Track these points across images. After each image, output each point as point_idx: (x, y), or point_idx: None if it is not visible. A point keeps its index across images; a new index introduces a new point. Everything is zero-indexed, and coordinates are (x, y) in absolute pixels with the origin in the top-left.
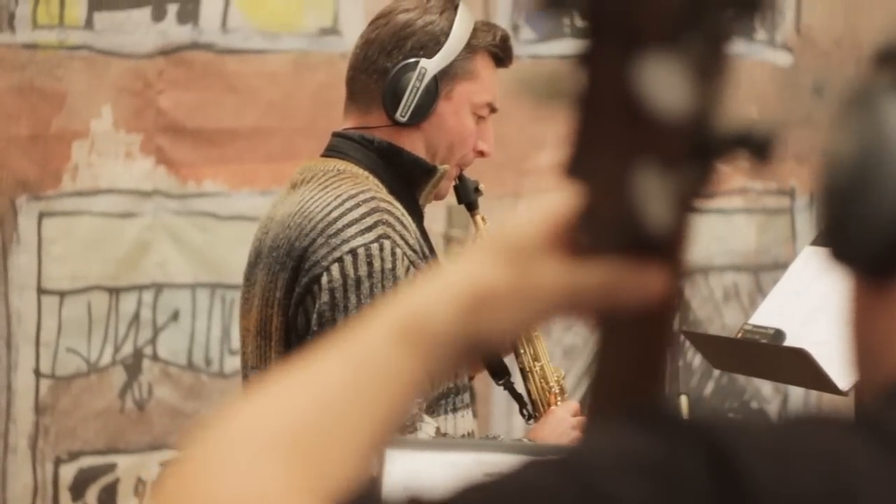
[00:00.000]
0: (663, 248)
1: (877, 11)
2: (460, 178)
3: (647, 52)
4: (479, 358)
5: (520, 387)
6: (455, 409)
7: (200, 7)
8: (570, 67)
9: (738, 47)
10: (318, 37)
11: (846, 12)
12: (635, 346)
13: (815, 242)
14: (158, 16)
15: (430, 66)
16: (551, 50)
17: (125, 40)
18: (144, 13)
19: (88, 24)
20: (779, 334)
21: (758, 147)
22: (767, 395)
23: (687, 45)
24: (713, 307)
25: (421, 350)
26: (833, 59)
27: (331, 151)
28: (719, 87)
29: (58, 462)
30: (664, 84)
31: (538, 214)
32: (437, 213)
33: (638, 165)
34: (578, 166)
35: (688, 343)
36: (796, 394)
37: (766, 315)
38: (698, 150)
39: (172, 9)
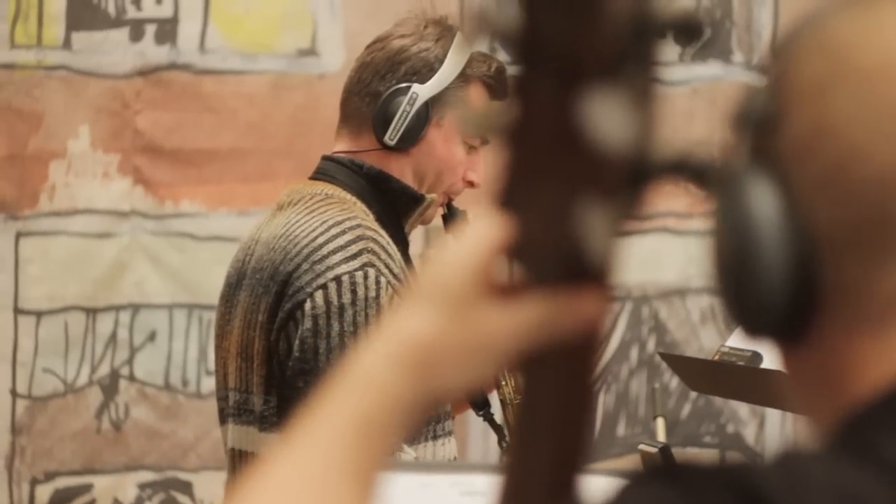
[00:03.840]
0: (596, 275)
1: None
2: (449, 206)
3: (588, 86)
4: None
5: (500, 418)
6: (435, 437)
7: (178, 28)
8: (506, 100)
9: (715, 70)
10: (295, 58)
11: None
12: (565, 377)
13: None
14: (136, 36)
15: (423, 91)
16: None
17: (103, 60)
18: (122, 33)
19: (66, 44)
20: (756, 356)
21: (695, 172)
22: (744, 417)
23: (626, 76)
24: (690, 329)
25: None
26: None
27: (319, 174)
28: (655, 113)
29: (34, 483)
30: (608, 118)
31: (464, 254)
32: (415, 234)
33: (580, 198)
34: (514, 198)
35: (664, 365)
36: (773, 416)
37: (743, 337)
38: (636, 179)
39: (150, 29)
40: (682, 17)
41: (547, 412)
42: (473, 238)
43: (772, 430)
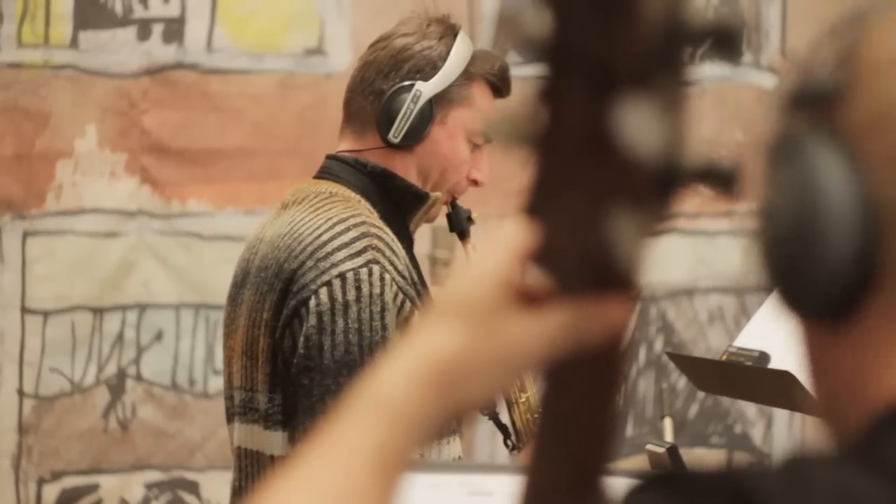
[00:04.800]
0: (623, 282)
1: None
2: (453, 205)
3: (621, 93)
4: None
5: (505, 417)
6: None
7: (185, 27)
8: (533, 106)
9: (724, 70)
10: (302, 57)
11: None
12: (589, 383)
13: None
14: (143, 35)
15: (426, 89)
16: (537, 72)
17: (110, 60)
18: (129, 33)
19: (73, 43)
20: (763, 357)
21: (722, 179)
22: (752, 417)
23: (659, 83)
24: (698, 329)
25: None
26: None
27: (323, 173)
28: (685, 120)
29: (41, 482)
30: (640, 126)
31: (489, 263)
32: (422, 234)
33: (610, 205)
34: (541, 206)
35: (672, 365)
36: (781, 416)
37: (751, 337)
38: (665, 185)
39: (157, 29)
40: (718, 23)
41: (571, 418)
42: (498, 246)
43: (779, 430)
